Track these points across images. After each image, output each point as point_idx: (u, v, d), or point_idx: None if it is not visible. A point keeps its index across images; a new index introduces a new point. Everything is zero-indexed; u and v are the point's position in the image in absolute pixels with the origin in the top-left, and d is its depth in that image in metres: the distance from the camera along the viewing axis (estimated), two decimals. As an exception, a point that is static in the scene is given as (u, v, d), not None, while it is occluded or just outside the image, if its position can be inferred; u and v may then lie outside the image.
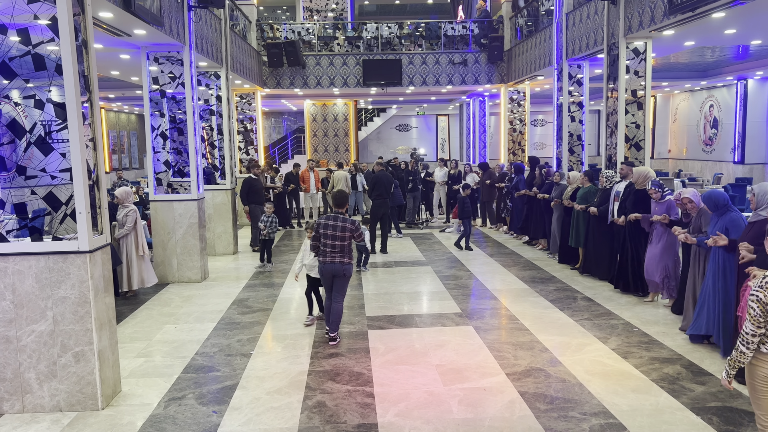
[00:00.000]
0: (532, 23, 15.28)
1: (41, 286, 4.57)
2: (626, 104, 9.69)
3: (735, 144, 18.25)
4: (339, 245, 6.07)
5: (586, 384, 5.02)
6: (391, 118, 28.19)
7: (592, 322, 6.68)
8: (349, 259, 6.15)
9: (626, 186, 7.95)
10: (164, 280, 8.95)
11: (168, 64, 8.84)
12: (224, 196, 11.18)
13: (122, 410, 4.72)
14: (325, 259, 6.13)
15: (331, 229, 6.06)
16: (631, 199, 7.63)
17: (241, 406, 4.76)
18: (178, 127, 9.01)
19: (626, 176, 8.12)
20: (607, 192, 8.45)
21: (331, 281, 6.21)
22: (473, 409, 4.61)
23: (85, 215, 4.51)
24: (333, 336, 6.19)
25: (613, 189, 8.26)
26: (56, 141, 4.53)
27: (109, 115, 22.89)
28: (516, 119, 17.20)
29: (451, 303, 7.63)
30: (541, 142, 28.11)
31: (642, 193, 7.50)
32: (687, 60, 15.01)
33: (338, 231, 6.06)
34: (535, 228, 11.38)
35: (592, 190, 9.00)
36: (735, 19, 8.35)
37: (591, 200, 8.84)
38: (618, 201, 8.00)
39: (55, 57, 4.41)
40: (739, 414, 4.43)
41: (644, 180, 7.50)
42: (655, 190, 7.12)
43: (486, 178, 13.79)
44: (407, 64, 16.98)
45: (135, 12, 6.72)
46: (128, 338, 6.43)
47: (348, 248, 6.16)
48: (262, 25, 17.31)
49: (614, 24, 9.75)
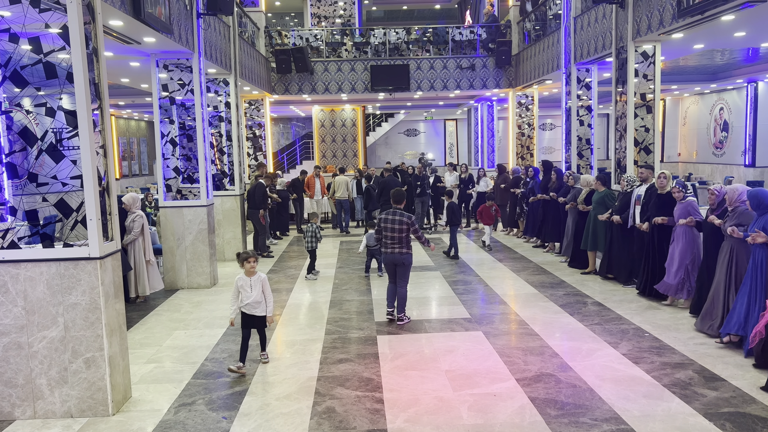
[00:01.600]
0: (540, 27, 15.26)
1: (52, 292, 4.60)
2: (635, 108, 9.64)
3: (746, 147, 18.10)
4: (398, 237, 6.83)
5: (597, 389, 4.98)
6: (399, 123, 28.20)
7: (603, 327, 6.64)
8: (407, 249, 6.90)
9: (647, 189, 7.90)
10: (174, 285, 8.99)
11: (177, 71, 8.90)
12: (233, 202, 11.22)
13: (132, 416, 4.74)
14: (386, 250, 6.93)
15: (390, 223, 6.83)
16: (654, 203, 7.55)
17: (251, 412, 4.76)
18: (188, 133, 9.06)
19: (646, 179, 8.07)
20: (627, 196, 8.36)
21: (393, 269, 7.00)
22: (483, 415, 4.58)
23: (95, 222, 4.54)
24: (401, 317, 6.98)
25: (634, 193, 8.20)
26: (67, 148, 4.57)
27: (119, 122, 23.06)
28: (524, 123, 17.17)
29: (461, 308, 7.61)
30: (549, 146, 28.02)
31: (665, 197, 7.44)
32: (696, 63, 14.94)
33: (396, 224, 6.80)
34: (549, 231, 11.33)
35: (609, 194, 8.96)
36: (744, 21, 8.30)
37: (609, 204, 8.80)
38: (639, 205, 7.94)
39: (66, 65, 4.45)
40: (752, 420, 4.38)
41: (669, 182, 7.48)
42: (678, 188, 7.10)
43: (501, 181, 13.75)
44: (415, 69, 17.00)
45: (145, 20, 6.77)
46: (138, 344, 6.45)
47: (406, 240, 6.87)
48: (270, 31, 17.40)
49: (622, 27, 9.72)
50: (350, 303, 7.98)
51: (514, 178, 13.44)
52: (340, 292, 8.58)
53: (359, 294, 8.45)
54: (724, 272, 6.11)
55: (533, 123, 17.06)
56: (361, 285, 9.02)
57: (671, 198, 7.33)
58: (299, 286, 9.02)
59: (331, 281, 9.30)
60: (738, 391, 4.86)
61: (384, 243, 6.95)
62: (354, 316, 7.33)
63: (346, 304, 7.95)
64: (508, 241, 12.71)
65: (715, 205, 6.52)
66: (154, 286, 8.26)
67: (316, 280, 9.44)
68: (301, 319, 7.36)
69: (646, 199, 7.81)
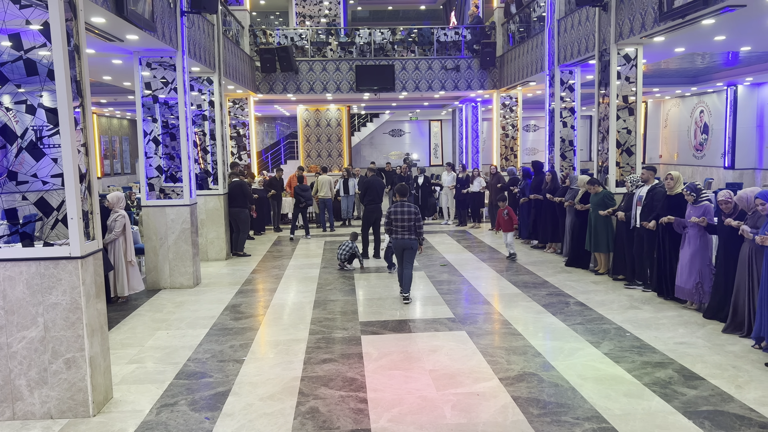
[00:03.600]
0: (524, 29, 15.37)
1: (32, 292, 4.54)
2: (617, 110, 9.75)
3: (725, 149, 18.38)
4: (407, 225, 7.79)
5: (579, 389, 5.03)
6: (384, 124, 28.23)
7: (585, 327, 6.71)
8: (414, 236, 7.84)
9: (648, 190, 7.98)
10: (156, 285, 8.92)
11: (160, 70, 8.82)
12: (217, 201, 11.16)
13: (113, 417, 4.69)
14: (397, 236, 7.87)
15: (400, 214, 7.80)
16: (663, 205, 7.56)
17: (234, 412, 4.74)
18: (171, 132, 8.99)
19: (647, 181, 8.13)
20: (631, 196, 8.41)
21: (402, 253, 7.93)
22: (466, 415, 4.61)
23: (76, 221, 4.49)
24: (406, 296, 7.89)
25: (636, 194, 8.27)
26: (48, 146, 4.51)
27: (101, 120, 22.81)
28: (508, 125, 17.27)
29: (445, 308, 7.64)
30: (533, 148, 28.21)
31: (675, 199, 7.43)
32: (677, 66, 15.14)
33: (405, 215, 7.78)
34: (545, 231, 11.39)
35: (608, 195, 9.06)
36: (724, 25, 8.43)
37: (609, 204, 8.91)
38: (640, 206, 8.03)
39: (47, 62, 4.40)
40: (731, 418, 4.45)
41: (677, 185, 7.50)
42: (688, 192, 7.05)
43: (496, 182, 13.80)
44: (400, 69, 17.03)
45: (127, 17, 6.71)
46: (120, 344, 6.39)
47: (413, 228, 7.80)
48: (255, 30, 17.32)
49: (605, 30, 9.82)
50: (334, 303, 7.97)
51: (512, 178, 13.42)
52: (324, 292, 8.57)
53: (344, 294, 8.45)
54: (746, 276, 6.10)
55: (517, 124, 17.17)
56: (346, 285, 9.02)
57: (681, 200, 7.30)
58: (283, 286, 9.00)
59: (315, 281, 9.29)
60: (717, 390, 4.93)
61: (395, 230, 7.87)
62: (338, 316, 7.33)
63: (331, 304, 7.94)
64: (494, 242, 12.76)
65: (731, 211, 6.46)
66: (134, 287, 8.16)
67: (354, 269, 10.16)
68: (285, 319, 7.34)
69: (647, 200, 7.88)
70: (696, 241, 7.06)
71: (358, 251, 10.18)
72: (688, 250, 7.14)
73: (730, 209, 6.47)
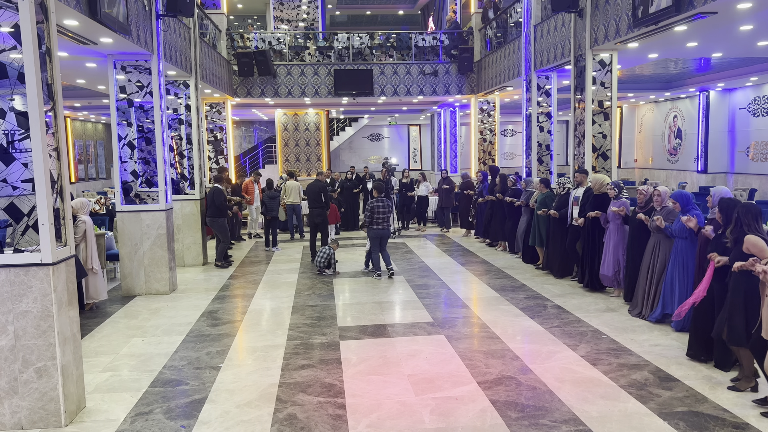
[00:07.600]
0: (501, 35, 15.49)
1: (2, 299, 4.44)
2: (593, 115, 9.87)
3: (698, 154, 18.71)
4: (384, 217, 9.55)
5: (557, 391, 5.06)
6: (363, 128, 28.22)
7: (562, 330, 6.76)
8: (389, 226, 9.70)
9: (584, 192, 8.61)
10: (131, 292, 8.78)
11: (135, 73, 8.71)
12: (193, 206, 11.03)
13: (86, 427, 4.60)
14: (377, 227, 9.54)
15: (380, 208, 9.50)
16: (591, 204, 8.31)
17: (210, 420, 4.67)
18: (146, 136, 8.87)
19: (581, 183, 8.92)
20: (564, 197, 9.21)
21: (379, 241, 9.67)
22: (445, 419, 4.60)
23: (48, 227, 4.40)
24: (391, 268, 9.78)
25: (571, 195, 9.01)
26: (18, 150, 4.42)
27: (74, 125, 22.44)
28: (486, 129, 17.39)
29: (423, 312, 7.64)
30: (511, 152, 28.42)
31: (601, 198, 8.22)
32: (651, 72, 15.38)
33: (384, 209, 9.53)
34: (496, 231, 12.20)
35: (550, 196, 9.81)
36: (696, 32, 8.59)
37: (549, 205, 9.62)
38: (577, 205, 8.72)
39: (17, 65, 4.31)
40: (705, 418, 4.51)
41: (601, 186, 8.28)
42: (611, 187, 7.94)
43: (464, 188, 14.35)
44: (378, 74, 17.05)
45: (101, 20, 6.61)
46: (93, 352, 6.27)
47: (387, 218, 9.58)
48: (232, 34, 17.21)
49: (581, 36, 9.94)
50: (313, 309, 7.93)
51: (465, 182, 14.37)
52: (302, 298, 8.52)
53: (322, 299, 8.41)
54: (647, 265, 7.03)
55: (495, 129, 17.30)
56: (324, 290, 8.97)
57: (606, 198, 8.12)
58: (261, 292, 8.92)
59: (293, 287, 9.23)
60: (691, 391, 5.00)
61: (376, 222, 9.50)
62: (317, 322, 7.28)
63: (309, 309, 7.89)
64: (469, 245, 12.82)
65: (644, 203, 7.29)
66: (93, 296, 7.83)
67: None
68: (263, 325, 7.27)
69: (584, 200, 8.51)
70: (614, 234, 7.91)
71: (334, 257, 10.16)
72: (610, 242, 7.95)
73: (642, 200, 7.28)
